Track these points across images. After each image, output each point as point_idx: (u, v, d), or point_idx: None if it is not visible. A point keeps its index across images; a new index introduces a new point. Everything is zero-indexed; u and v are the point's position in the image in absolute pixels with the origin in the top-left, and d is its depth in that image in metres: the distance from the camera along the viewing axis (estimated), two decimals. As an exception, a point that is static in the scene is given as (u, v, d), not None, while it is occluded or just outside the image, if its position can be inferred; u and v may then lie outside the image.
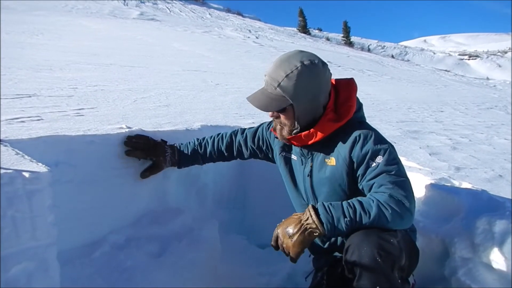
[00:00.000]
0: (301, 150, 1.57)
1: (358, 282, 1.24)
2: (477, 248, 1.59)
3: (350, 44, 48.66)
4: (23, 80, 4.06)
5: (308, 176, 1.56)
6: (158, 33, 17.49)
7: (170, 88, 5.31)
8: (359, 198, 1.35)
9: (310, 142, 1.48)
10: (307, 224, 1.31)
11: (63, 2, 25.70)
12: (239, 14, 42.68)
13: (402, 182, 1.33)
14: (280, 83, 1.40)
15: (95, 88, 4.31)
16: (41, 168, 1.23)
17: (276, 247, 1.38)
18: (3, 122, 1.94)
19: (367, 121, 1.56)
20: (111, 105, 3.41)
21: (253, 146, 1.83)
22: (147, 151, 1.85)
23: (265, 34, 25.98)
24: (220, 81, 7.09)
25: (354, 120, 1.48)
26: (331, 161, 1.47)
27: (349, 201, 1.34)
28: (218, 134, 1.93)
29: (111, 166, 1.82)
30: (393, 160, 1.38)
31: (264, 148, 1.81)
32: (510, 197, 1.86)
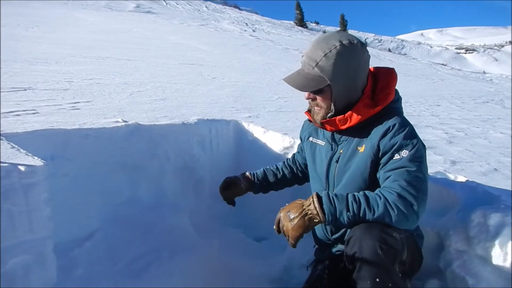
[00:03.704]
0: (333, 135, 1.53)
1: (358, 273, 1.24)
2: (472, 240, 1.59)
3: (347, 37, 48.48)
4: (18, 73, 4.04)
5: (336, 162, 1.52)
6: (154, 26, 17.39)
7: (166, 82, 5.30)
8: (366, 192, 1.32)
9: (343, 127, 1.44)
10: (308, 209, 1.30)
11: (59, -5, 25.47)
12: (236, 7, 42.51)
13: (418, 182, 1.29)
14: (318, 63, 1.36)
15: (91, 81, 4.30)
16: (37, 161, 1.23)
17: (278, 230, 1.38)
18: (-2, 116, 1.93)
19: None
20: (107, 98, 3.40)
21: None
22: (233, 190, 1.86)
23: (262, 27, 25.86)
24: (216, 74, 7.08)
25: (391, 109, 1.43)
26: (362, 148, 1.43)
27: (355, 194, 1.31)
28: (287, 161, 1.92)
29: (107, 160, 1.82)
30: (418, 158, 1.33)
31: None
32: (505, 190, 1.87)
